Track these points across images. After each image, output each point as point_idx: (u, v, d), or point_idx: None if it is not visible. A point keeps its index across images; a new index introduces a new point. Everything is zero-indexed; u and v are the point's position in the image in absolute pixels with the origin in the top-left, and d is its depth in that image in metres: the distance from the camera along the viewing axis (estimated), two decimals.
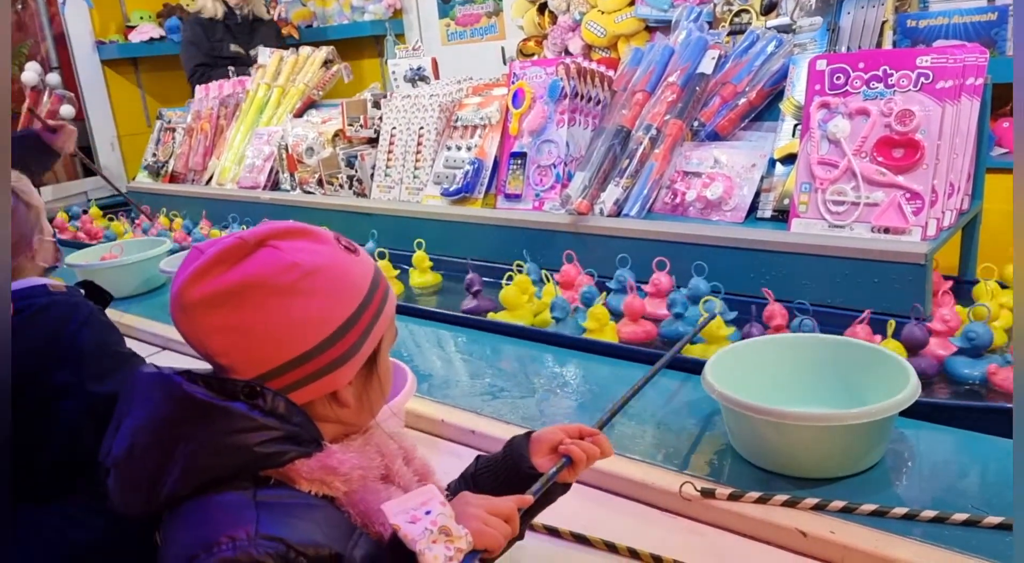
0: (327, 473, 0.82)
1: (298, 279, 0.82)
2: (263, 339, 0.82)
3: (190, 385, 0.81)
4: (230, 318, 0.81)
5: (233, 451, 0.79)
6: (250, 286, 0.81)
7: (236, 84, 3.75)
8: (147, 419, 0.81)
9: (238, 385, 0.81)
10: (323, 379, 0.85)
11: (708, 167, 2.07)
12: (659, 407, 1.48)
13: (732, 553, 1.11)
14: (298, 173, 3.07)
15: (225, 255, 0.82)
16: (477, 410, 1.52)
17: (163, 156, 3.87)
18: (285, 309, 0.82)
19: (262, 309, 0.81)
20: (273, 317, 0.81)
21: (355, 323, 0.86)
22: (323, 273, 0.84)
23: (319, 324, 0.83)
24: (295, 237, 0.85)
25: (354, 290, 0.87)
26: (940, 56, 1.70)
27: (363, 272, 0.89)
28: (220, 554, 0.73)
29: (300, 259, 0.83)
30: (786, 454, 1.20)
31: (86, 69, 5.08)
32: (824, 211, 1.79)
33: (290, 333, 0.82)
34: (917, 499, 1.14)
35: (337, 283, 0.85)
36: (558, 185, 2.28)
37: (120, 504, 0.83)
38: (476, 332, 1.96)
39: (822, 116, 1.82)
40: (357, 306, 0.86)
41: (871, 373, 1.29)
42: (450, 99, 2.67)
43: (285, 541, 0.75)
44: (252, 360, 0.82)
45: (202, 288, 0.81)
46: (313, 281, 0.83)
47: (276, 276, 0.82)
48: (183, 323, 0.84)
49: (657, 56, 2.27)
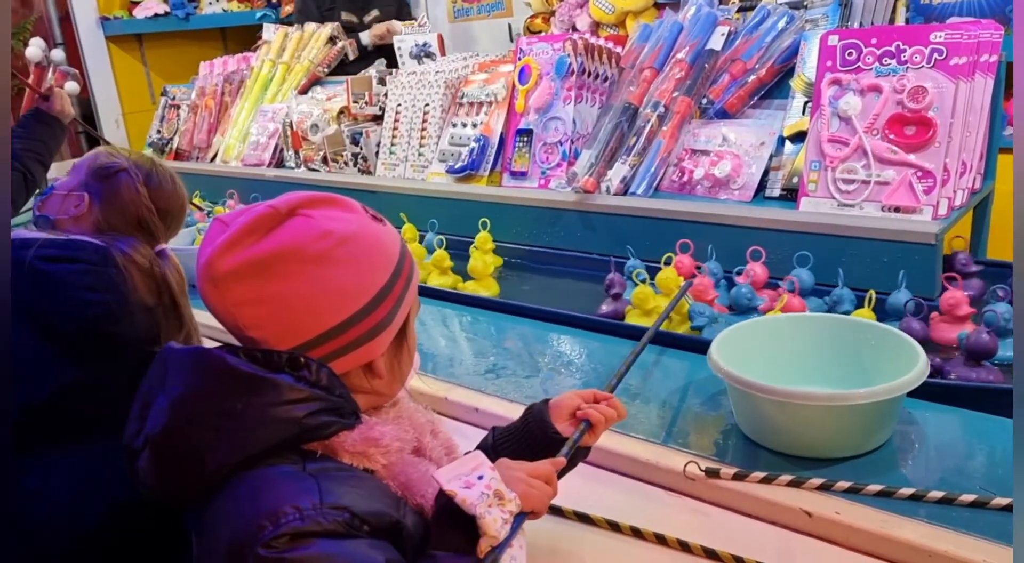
0: (369, 445, 0.82)
1: (332, 247, 0.81)
2: (298, 309, 0.80)
3: (234, 358, 0.79)
4: (263, 289, 0.79)
5: (281, 423, 0.78)
6: (284, 255, 0.79)
7: (241, 60, 3.72)
8: (187, 395, 0.79)
9: (282, 356, 0.79)
10: (360, 349, 0.84)
11: (716, 145, 2.05)
12: (664, 386, 1.47)
13: (736, 533, 1.10)
14: (303, 150, 3.05)
15: (256, 224, 0.80)
16: (481, 389, 1.51)
17: (168, 133, 3.85)
18: (320, 278, 0.80)
19: (297, 278, 0.79)
20: (308, 286, 0.80)
21: (389, 291, 0.85)
22: (357, 241, 0.83)
23: (356, 293, 0.82)
24: (326, 205, 0.84)
25: (387, 258, 0.86)
26: (954, 32, 1.67)
27: (392, 241, 0.88)
28: (289, 524, 0.71)
29: (333, 227, 0.81)
30: (791, 434, 1.19)
31: (90, 45, 5.05)
32: (834, 190, 1.77)
33: (326, 302, 0.81)
34: (924, 480, 1.12)
35: (371, 251, 0.84)
36: (564, 163, 2.26)
37: (155, 486, 0.81)
38: (480, 311, 1.95)
39: (833, 93, 1.80)
40: (391, 275, 0.86)
41: (880, 353, 1.27)
42: (456, 76, 2.65)
43: (350, 509, 0.74)
44: (287, 332, 0.80)
45: (233, 258, 0.79)
46: (348, 249, 0.82)
47: (310, 244, 0.80)
48: (212, 296, 0.81)
49: (666, 32, 2.24)
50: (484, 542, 0.77)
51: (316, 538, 0.72)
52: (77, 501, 1.38)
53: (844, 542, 1.06)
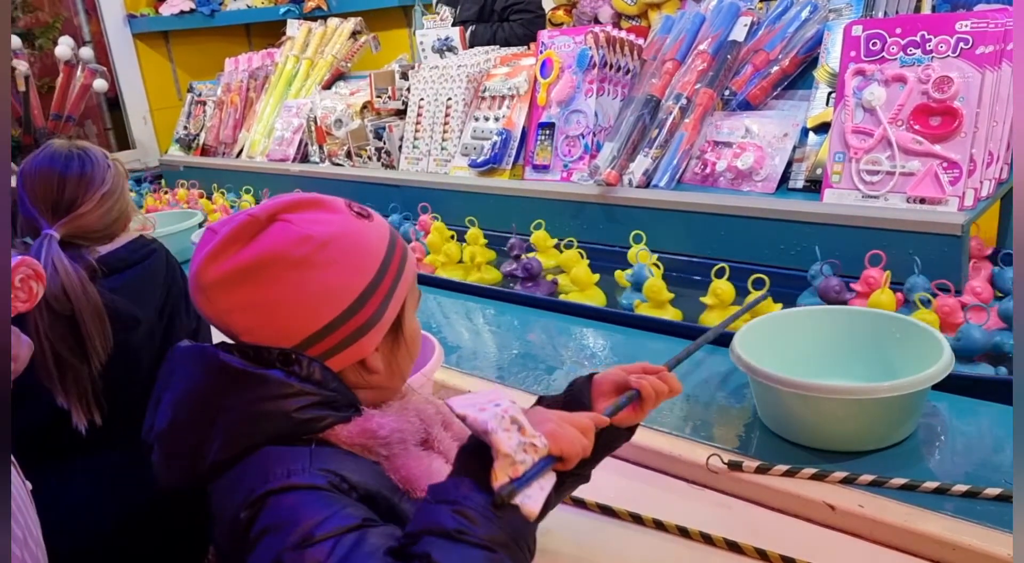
0: (367, 437, 0.82)
1: (313, 251, 0.82)
2: (284, 314, 0.82)
3: (225, 355, 0.81)
4: (249, 295, 0.81)
5: (271, 418, 0.79)
6: (266, 262, 0.81)
7: (265, 56, 3.75)
8: (186, 391, 0.82)
9: (273, 352, 0.81)
10: (349, 348, 0.85)
11: (739, 137, 2.04)
12: (687, 379, 1.47)
13: (759, 526, 1.11)
14: (327, 145, 3.07)
15: (238, 233, 0.82)
16: (504, 381, 1.52)
17: (194, 129, 3.89)
18: (303, 282, 0.82)
19: (280, 283, 0.81)
20: (292, 291, 0.81)
21: (375, 289, 0.86)
22: (337, 242, 0.84)
23: (339, 294, 0.83)
24: (306, 209, 0.85)
25: (370, 256, 0.87)
26: (980, 20, 1.64)
27: (378, 237, 0.89)
28: (275, 481, 0.74)
29: (313, 231, 0.83)
30: (815, 427, 1.19)
31: (118, 43, 5.11)
32: (858, 181, 1.76)
33: (310, 305, 0.82)
34: (949, 473, 1.12)
35: (352, 251, 0.85)
36: (587, 156, 2.26)
37: (164, 477, 0.84)
38: (503, 304, 1.96)
39: (857, 83, 1.78)
40: (375, 272, 0.86)
41: (904, 345, 1.27)
42: (478, 70, 2.65)
43: (339, 474, 0.76)
44: (277, 336, 0.82)
45: (218, 268, 0.82)
46: (328, 251, 0.83)
47: (290, 249, 0.82)
48: (204, 304, 0.84)
49: (688, 24, 2.23)
50: (499, 466, 0.70)
51: (298, 490, 0.73)
52: (95, 506, 1.41)
53: (868, 535, 1.06)
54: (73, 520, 1.40)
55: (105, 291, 1.34)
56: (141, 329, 1.41)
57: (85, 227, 1.38)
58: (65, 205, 1.36)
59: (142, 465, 1.44)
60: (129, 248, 1.44)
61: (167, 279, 1.49)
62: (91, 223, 1.39)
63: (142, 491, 1.43)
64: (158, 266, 1.48)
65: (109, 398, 1.35)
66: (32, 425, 1.38)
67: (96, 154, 1.45)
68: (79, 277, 1.31)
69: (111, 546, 1.41)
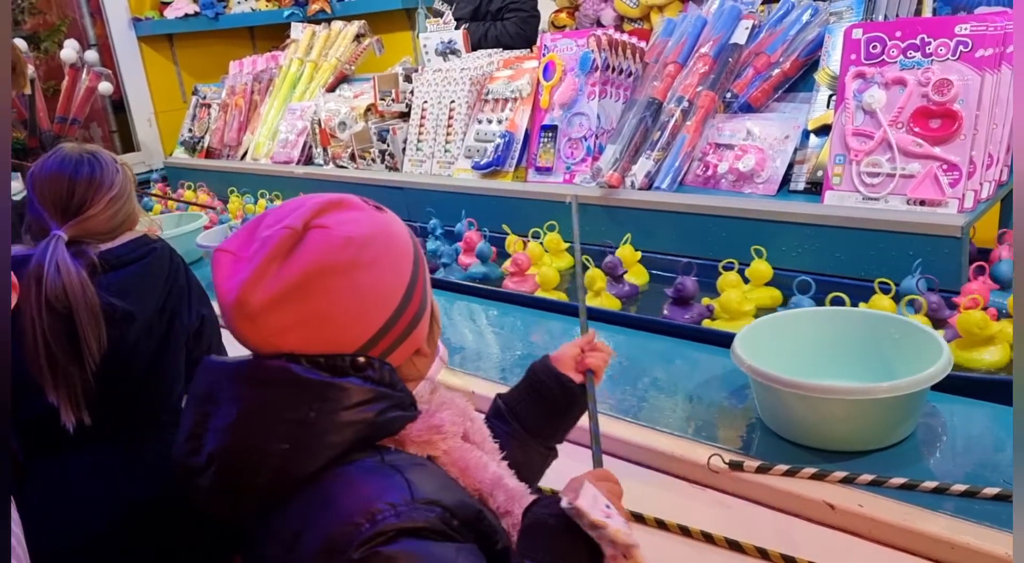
0: (432, 433, 0.83)
1: (357, 253, 0.80)
2: (341, 323, 0.80)
3: (298, 367, 0.78)
4: (301, 312, 0.78)
5: (355, 426, 0.78)
6: (313, 273, 0.78)
7: (269, 59, 3.77)
8: (252, 408, 0.79)
9: (345, 359, 0.80)
10: (406, 342, 0.85)
11: (740, 139, 2.05)
12: (689, 380, 1.48)
13: (759, 525, 1.12)
14: (331, 147, 3.09)
15: (277, 250, 0.78)
16: (507, 382, 1.54)
17: (199, 132, 3.91)
18: (354, 287, 0.80)
19: (331, 293, 0.79)
20: (345, 298, 0.79)
21: (417, 278, 0.86)
22: (376, 240, 0.83)
23: (390, 291, 0.83)
24: (333, 210, 0.83)
25: (406, 248, 0.86)
26: (980, 24, 1.66)
27: (401, 228, 0.88)
28: (385, 521, 0.72)
29: (351, 232, 0.81)
30: (815, 427, 1.20)
31: (123, 46, 5.12)
32: (858, 183, 1.77)
33: (365, 309, 0.81)
34: (949, 473, 1.13)
35: (391, 246, 0.84)
36: (589, 158, 2.27)
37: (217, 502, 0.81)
38: (506, 305, 1.97)
39: (857, 86, 1.79)
40: (412, 262, 0.86)
41: (903, 346, 1.28)
42: (481, 72, 2.67)
43: (440, 503, 0.76)
44: (334, 346, 0.80)
45: (265, 290, 0.77)
46: (370, 251, 0.81)
47: (335, 256, 0.79)
48: (250, 332, 0.80)
49: (689, 27, 2.24)
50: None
51: (410, 536, 0.72)
52: (94, 502, 1.42)
53: (867, 534, 1.07)
54: (69, 518, 1.41)
55: (102, 287, 1.36)
56: (137, 326, 1.43)
57: (92, 229, 1.40)
58: (74, 207, 1.39)
59: (136, 463, 1.46)
60: (128, 246, 1.46)
61: (169, 278, 1.50)
62: (98, 225, 1.41)
63: (137, 489, 1.45)
64: (159, 265, 1.49)
65: (103, 394, 1.37)
66: (29, 419, 1.39)
67: (106, 158, 1.47)
68: (80, 278, 1.33)
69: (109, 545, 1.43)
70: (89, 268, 1.35)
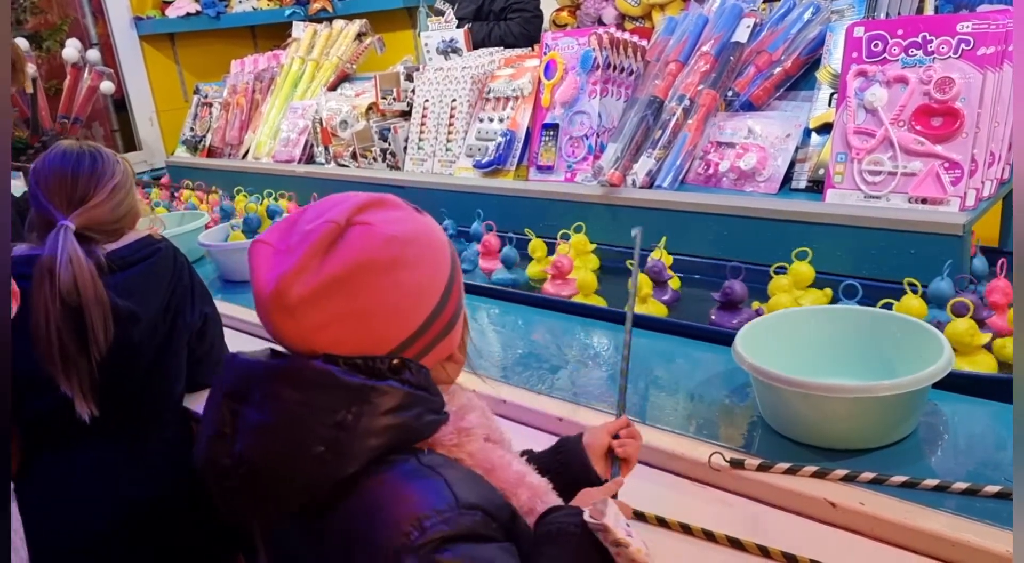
0: (462, 435, 0.84)
1: (399, 252, 0.80)
2: (380, 321, 0.79)
3: (337, 369, 0.77)
4: (342, 307, 0.77)
5: (394, 429, 0.78)
6: (356, 269, 0.77)
7: (271, 58, 3.77)
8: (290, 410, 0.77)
9: (384, 362, 0.79)
10: (440, 344, 0.85)
11: (742, 137, 2.05)
12: (690, 378, 1.48)
13: (761, 523, 1.12)
14: (332, 146, 3.09)
15: (319, 244, 0.78)
16: (508, 381, 1.54)
17: (200, 131, 3.91)
18: (396, 285, 0.79)
19: (373, 290, 0.78)
20: (386, 295, 0.79)
21: (454, 280, 0.86)
22: (419, 240, 0.82)
23: (429, 292, 0.82)
24: (377, 208, 0.82)
25: (445, 249, 0.86)
26: (981, 22, 1.66)
27: (440, 230, 0.88)
28: (435, 528, 0.72)
29: (395, 230, 0.80)
30: (816, 426, 1.20)
31: (124, 45, 5.13)
32: (860, 181, 1.77)
33: (405, 308, 0.80)
34: (950, 471, 1.13)
35: (432, 246, 0.84)
36: (590, 156, 2.27)
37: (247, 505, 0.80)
38: (507, 304, 1.97)
39: (859, 84, 1.79)
40: (450, 264, 0.86)
41: (905, 344, 1.28)
42: (482, 71, 2.67)
43: (481, 508, 0.76)
44: (367, 346, 0.79)
45: (306, 283, 0.76)
46: (412, 250, 0.81)
47: (379, 253, 0.79)
48: (287, 326, 0.78)
49: (691, 25, 2.24)
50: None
51: (460, 542, 0.73)
52: (94, 502, 1.43)
53: (868, 532, 1.07)
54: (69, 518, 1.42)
55: (108, 287, 1.37)
56: (142, 326, 1.44)
57: (97, 218, 1.42)
58: (79, 197, 1.41)
59: (139, 461, 1.46)
60: (132, 247, 1.47)
61: (173, 278, 1.51)
62: (103, 215, 1.43)
63: (138, 489, 1.45)
64: (163, 265, 1.50)
65: (107, 389, 1.37)
66: (37, 412, 1.40)
67: (105, 151, 1.49)
68: (91, 270, 1.34)
69: (109, 545, 1.43)
70: (97, 268, 1.37)
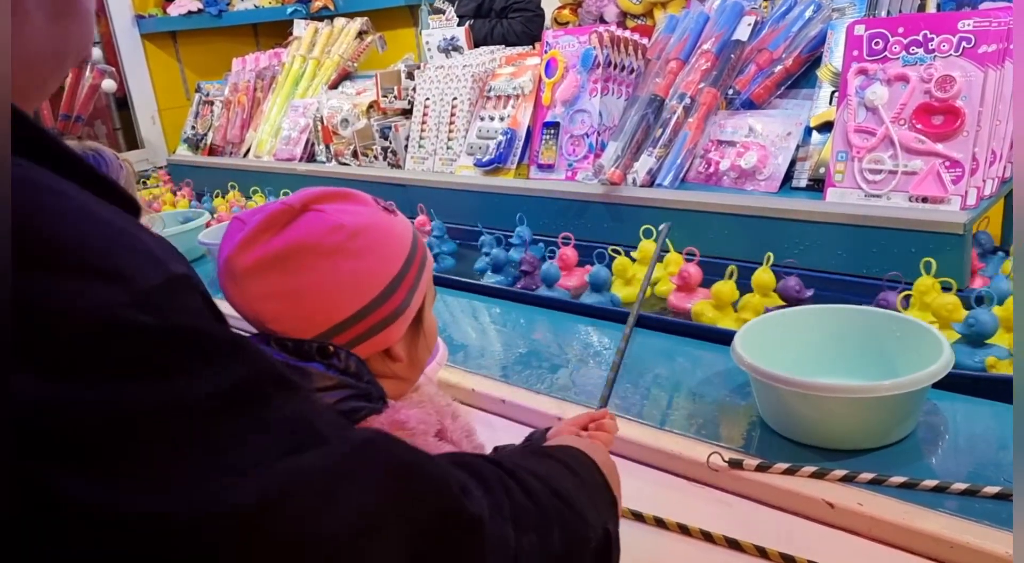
0: (396, 428, 0.84)
1: (344, 239, 0.83)
2: (312, 302, 0.83)
3: (266, 347, 0.81)
4: (281, 283, 0.82)
5: None
6: (298, 249, 0.82)
7: (272, 56, 3.77)
8: None
9: (312, 345, 0.82)
10: (376, 337, 0.87)
11: (743, 136, 2.05)
12: (688, 377, 1.48)
13: (759, 524, 1.12)
14: (333, 145, 3.09)
15: (271, 221, 0.83)
16: (508, 380, 1.54)
17: (202, 129, 3.91)
18: (334, 269, 0.83)
19: (310, 271, 0.82)
20: (323, 278, 0.82)
21: (402, 280, 0.88)
22: (368, 233, 0.85)
23: (368, 283, 0.85)
24: (337, 200, 0.86)
25: (398, 248, 0.88)
26: (983, 19, 1.65)
27: (404, 231, 0.91)
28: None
29: (344, 220, 0.84)
30: (814, 426, 1.20)
31: (126, 43, 5.14)
32: (861, 180, 1.76)
33: (341, 293, 0.83)
34: (950, 472, 1.13)
35: (381, 241, 0.86)
36: (591, 155, 2.27)
37: None
38: (508, 303, 1.97)
39: (860, 83, 1.79)
40: (402, 263, 0.88)
41: (904, 344, 1.27)
42: (483, 69, 2.66)
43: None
44: (304, 323, 0.83)
45: (251, 255, 0.82)
46: (359, 240, 0.84)
47: (322, 238, 0.82)
48: (234, 292, 0.84)
49: (692, 23, 2.24)
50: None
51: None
52: None
53: (867, 533, 1.07)
54: None
55: None
56: None
57: None
58: None
59: None
60: None
61: None
62: None
63: None
64: None
65: None
66: None
67: (108, 155, 1.48)
68: None
69: None
70: None
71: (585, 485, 0.80)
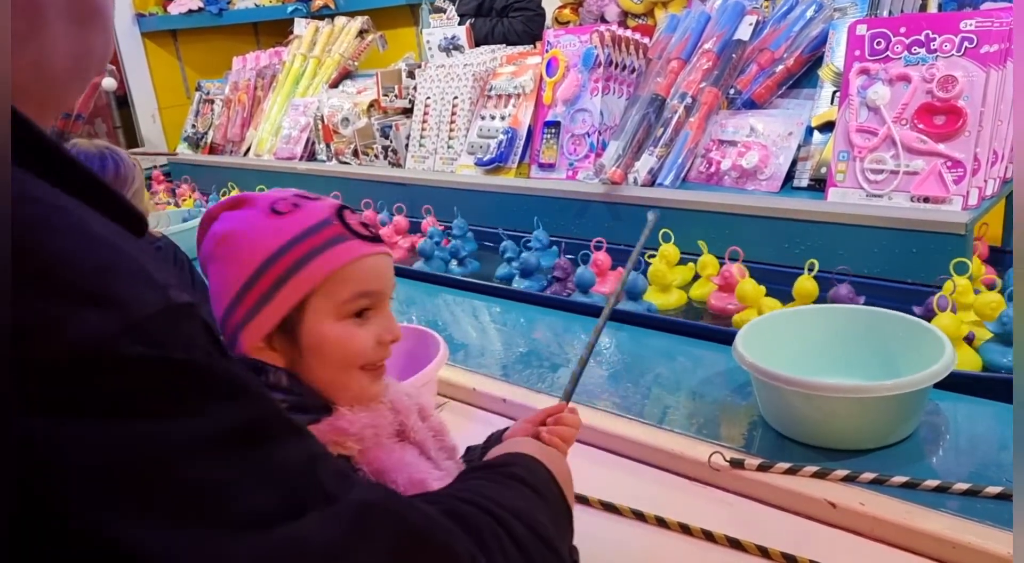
0: (338, 435, 0.84)
1: (215, 247, 0.88)
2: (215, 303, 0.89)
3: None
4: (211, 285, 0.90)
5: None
6: (204, 257, 0.90)
7: (273, 55, 3.77)
8: None
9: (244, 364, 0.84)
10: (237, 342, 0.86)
11: (744, 136, 2.04)
12: (690, 377, 1.48)
13: (760, 523, 1.11)
14: (334, 144, 3.09)
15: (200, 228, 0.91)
16: (508, 379, 1.53)
17: (202, 127, 3.91)
18: (212, 276, 0.89)
19: (209, 275, 0.90)
20: (212, 284, 0.89)
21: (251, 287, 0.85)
22: (228, 239, 0.87)
23: (226, 288, 0.88)
24: (234, 207, 0.90)
25: (255, 253, 0.84)
26: (985, 19, 1.65)
27: (277, 232, 0.85)
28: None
29: (219, 228, 0.88)
30: (816, 425, 1.20)
31: (126, 41, 5.13)
32: (862, 180, 1.76)
33: (217, 296, 0.88)
34: (952, 472, 1.12)
35: (236, 247, 0.87)
36: (592, 154, 2.27)
37: None
38: (509, 302, 1.97)
39: (861, 83, 1.79)
40: (254, 269, 0.84)
41: (906, 344, 1.27)
42: (484, 68, 2.66)
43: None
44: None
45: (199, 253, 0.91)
46: (222, 247, 0.88)
47: (208, 246, 0.89)
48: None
49: (693, 23, 2.23)
50: None
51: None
52: None
53: (868, 533, 1.07)
54: None
55: None
56: None
57: None
58: None
59: None
60: None
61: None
62: None
63: None
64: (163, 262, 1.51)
65: None
66: None
67: (123, 154, 1.49)
68: None
69: None
70: None
71: (550, 507, 0.79)
